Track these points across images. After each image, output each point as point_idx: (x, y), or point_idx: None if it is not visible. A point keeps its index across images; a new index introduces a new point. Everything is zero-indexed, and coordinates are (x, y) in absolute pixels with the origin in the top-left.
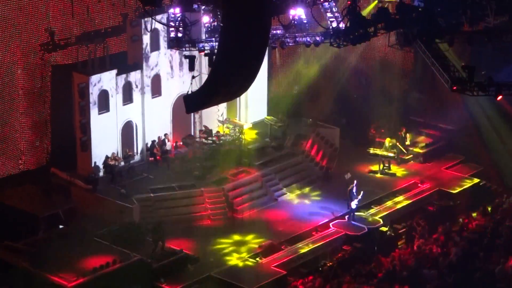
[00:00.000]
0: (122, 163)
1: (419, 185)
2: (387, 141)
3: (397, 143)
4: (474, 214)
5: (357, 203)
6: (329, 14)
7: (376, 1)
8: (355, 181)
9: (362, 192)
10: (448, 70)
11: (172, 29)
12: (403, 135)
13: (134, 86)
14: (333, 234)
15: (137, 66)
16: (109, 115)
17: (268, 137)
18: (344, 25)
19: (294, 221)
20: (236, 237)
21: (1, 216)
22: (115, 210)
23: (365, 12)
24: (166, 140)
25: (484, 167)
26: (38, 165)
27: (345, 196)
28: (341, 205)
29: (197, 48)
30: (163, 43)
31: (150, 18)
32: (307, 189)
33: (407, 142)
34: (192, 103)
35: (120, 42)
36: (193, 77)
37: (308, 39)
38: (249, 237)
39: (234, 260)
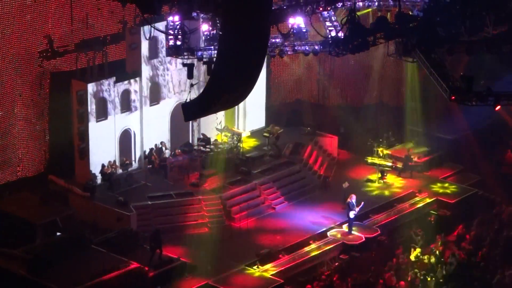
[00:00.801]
0: (120, 171)
1: (417, 194)
2: (380, 151)
3: (413, 158)
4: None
5: (355, 213)
6: (328, 23)
7: (370, 9)
8: (353, 195)
9: (362, 202)
10: (447, 79)
11: (171, 37)
12: (409, 154)
13: (132, 94)
14: (330, 243)
15: (136, 74)
16: (107, 123)
17: (266, 145)
18: (343, 34)
19: (291, 229)
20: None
21: None
22: (112, 218)
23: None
24: (163, 148)
25: (483, 177)
26: (36, 172)
27: (343, 205)
28: (338, 214)
29: (196, 56)
30: (162, 51)
31: (149, 26)
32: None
33: (414, 159)
34: (190, 111)
35: (119, 49)
36: (192, 85)
37: (307, 48)
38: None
39: (232, 268)
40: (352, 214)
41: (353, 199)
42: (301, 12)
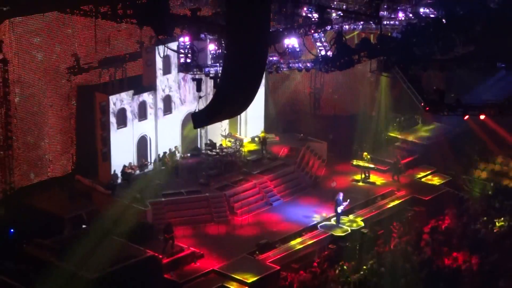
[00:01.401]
0: (138, 171)
1: (395, 192)
2: (365, 155)
3: (399, 166)
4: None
5: (342, 208)
6: (318, 44)
7: (356, 32)
8: (340, 193)
9: (348, 200)
10: (422, 93)
11: (182, 55)
12: (398, 159)
13: (148, 105)
14: (320, 235)
15: (151, 87)
16: (126, 130)
17: (262, 150)
18: (331, 53)
19: (286, 222)
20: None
21: (31, 217)
22: (131, 212)
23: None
24: (176, 152)
25: (453, 177)
26: (65, 173)
27: (331, 201)
28: (327, 209)
29: (203, 72)
30: (174, 68)
31: (163, 46)
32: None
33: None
34: (199, 119)
35: (136, 66)
36: (200, 97)
37: (300, 65)
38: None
39: (235, 256)
40: (339, 209)
41: (340, 196)
42: (295, 33)
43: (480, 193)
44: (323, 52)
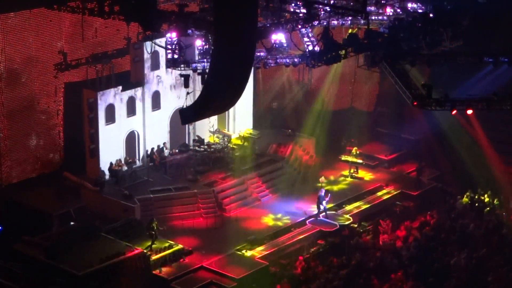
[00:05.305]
0: (125, 168)
1: (384, 187)
2: (354, 150)
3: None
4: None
5: (325, 204)
6: (305, 39)
7: (356, 29)
8: (322, 189)
9: (329, 194)
10: (410, 87)
11: (169, 51)
12: (420, 166)
13: (136, 101)
14: (309, 230)
15: (139, 83)
16: (114, 126)
17: (252, 145)
18: (318, 48)
19: (275, 218)
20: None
21: (20, 214)
22: (119, 209)
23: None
24: (164, 148)
25: (441, 172)
26: (52, 170)
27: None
28: (315, 205)
29: (191, 67)
30: (161, 63)
31: (150, 42)
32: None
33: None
34: (186, 115)
35: (124, 62)
36: (188, 93)
37: (288, 60)
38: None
39: (223, 252)
40: (322, 206)
41: (322, 192)
42: (283, 29)
43: None
44: (310, 47)
